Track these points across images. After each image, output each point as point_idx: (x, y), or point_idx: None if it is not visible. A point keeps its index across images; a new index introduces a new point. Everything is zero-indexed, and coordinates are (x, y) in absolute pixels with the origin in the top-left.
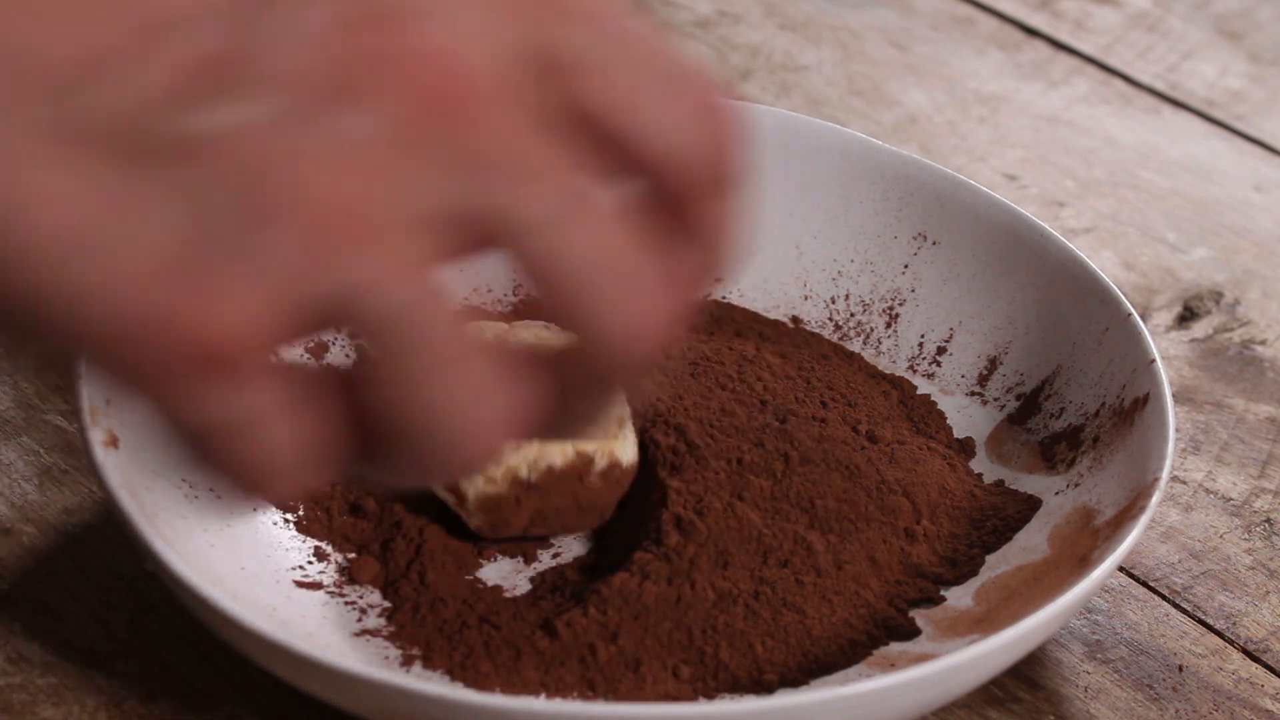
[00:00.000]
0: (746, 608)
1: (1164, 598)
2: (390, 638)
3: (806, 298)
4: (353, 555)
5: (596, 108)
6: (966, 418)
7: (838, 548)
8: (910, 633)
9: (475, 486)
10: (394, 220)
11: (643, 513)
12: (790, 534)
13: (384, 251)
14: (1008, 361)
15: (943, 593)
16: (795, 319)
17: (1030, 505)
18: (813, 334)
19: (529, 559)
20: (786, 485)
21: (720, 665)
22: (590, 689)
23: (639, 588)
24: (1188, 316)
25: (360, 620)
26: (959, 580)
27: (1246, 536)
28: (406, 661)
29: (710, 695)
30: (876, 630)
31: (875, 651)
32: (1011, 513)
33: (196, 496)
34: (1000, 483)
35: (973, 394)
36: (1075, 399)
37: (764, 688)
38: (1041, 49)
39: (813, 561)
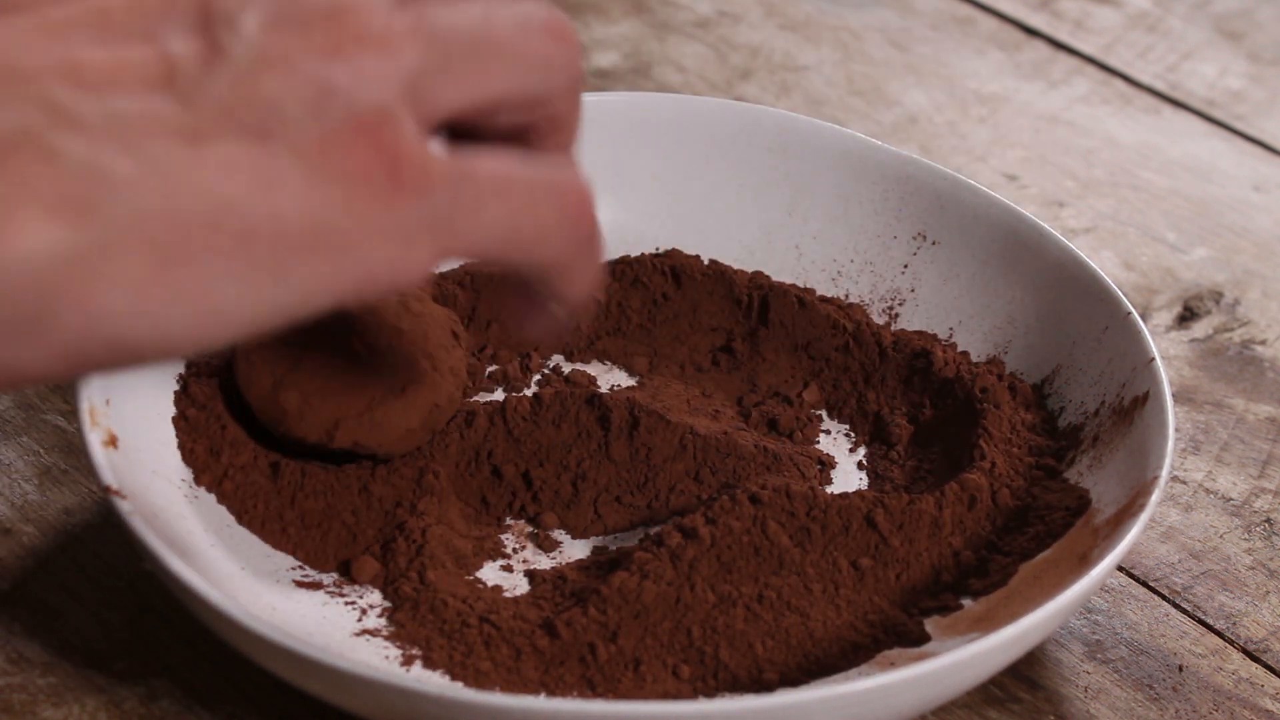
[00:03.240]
0: (748, 610)
1: (1164, 598)
2: (390, 638)
3: None
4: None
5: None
6: None
7: (864, 566)
8: (919, 639)
9: None
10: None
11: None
12: (821, 550)
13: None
14: (1008, 361)
15: (961, 600)
16: None
17: (1081, 504)
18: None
19: (529, 560)
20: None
21: (720, 665)
22: (590, 688)
23: (639, 587)
24: (1188, 316)
25: (360, 620)
26: (987, 591)
27: (1246, 536)
28: (406, 661)
29: (710, 694)
30: (883, 635)
31: (878, 654)
32: (1056, 518)
33: (196, 497)
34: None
35: None
36: (1075, 398)
37: (764, 687)
38: (1041, 49)
39: (835, 577)
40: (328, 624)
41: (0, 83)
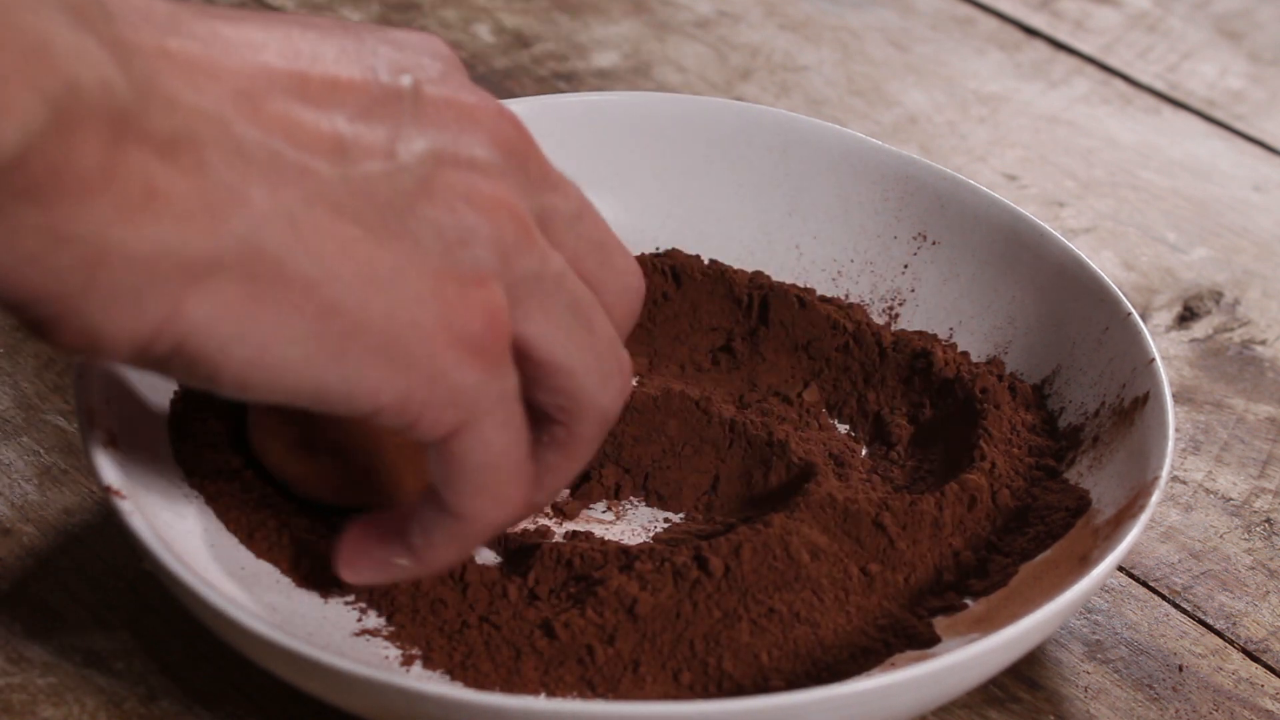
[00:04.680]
0: (754, 624)
1: (1164, 598)
2: (390, 638)
3: None
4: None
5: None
6: None
7: (873, 571)
8: (930, 640)
9: None
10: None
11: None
12: (836, 562)
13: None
14: (1008, 361)
15: (964, 600)
16: None
17: (1080, 504)
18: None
19: (527, 558)
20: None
21: (724, 675)
22: (590, 689)
23: (635, 595)
24: (1188, 316)
25: (360, 620)
26: (987, 591)
27: (1246, 536)
28: (406, 661)
29: (711, 698)
30: (894, 638)
31: (890, 658)
32: (1056, 518)
33: (196, 497)
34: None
35: None
36: (1075, 398)
37: (768, 692)
38: (1041, 49)
39: (845, 584)
40: (328, 624)
41: (194, 76)
